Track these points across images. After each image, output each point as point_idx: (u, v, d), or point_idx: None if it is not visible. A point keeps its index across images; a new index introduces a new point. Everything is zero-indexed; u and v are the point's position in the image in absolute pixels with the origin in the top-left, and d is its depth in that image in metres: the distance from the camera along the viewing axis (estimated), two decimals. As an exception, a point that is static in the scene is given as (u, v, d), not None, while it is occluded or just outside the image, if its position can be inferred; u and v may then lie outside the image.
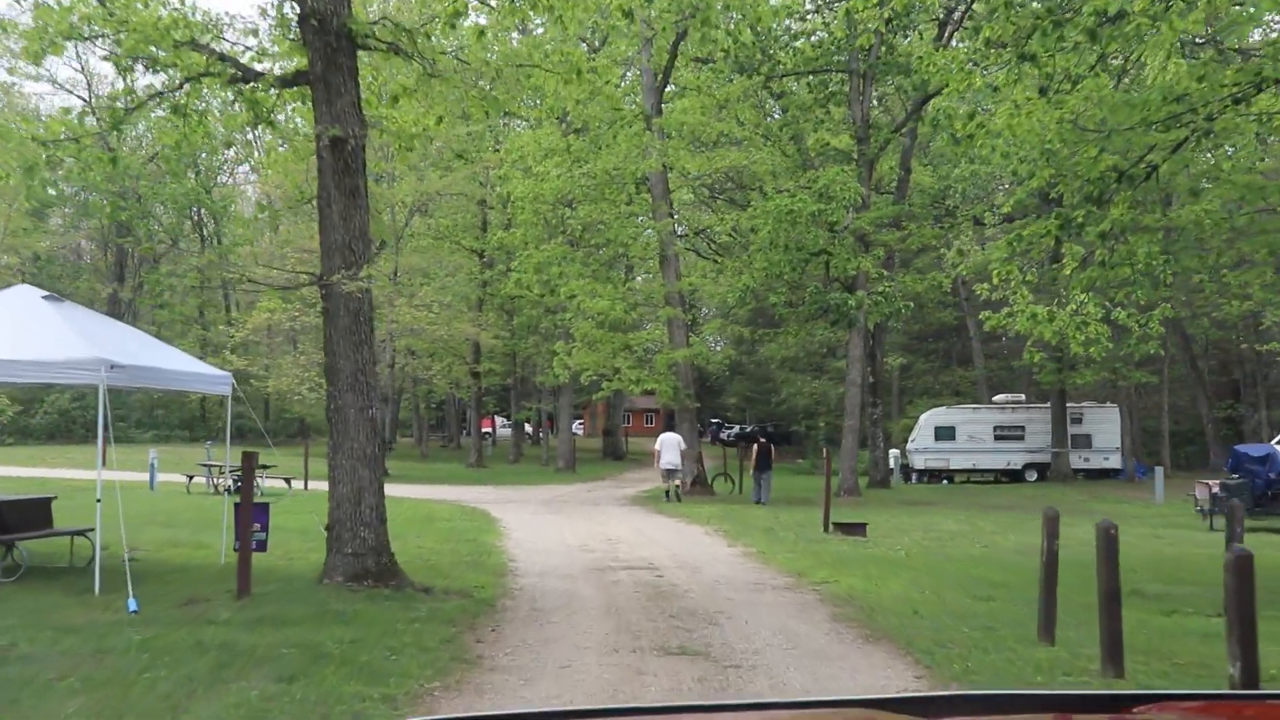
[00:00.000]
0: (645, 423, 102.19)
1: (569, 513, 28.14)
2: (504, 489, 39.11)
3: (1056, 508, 28.48)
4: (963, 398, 60.58)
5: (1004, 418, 48.41)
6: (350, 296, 12.25)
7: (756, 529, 23.06)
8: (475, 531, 21.89)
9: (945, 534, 22.98)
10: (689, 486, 33.78)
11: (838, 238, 30.91)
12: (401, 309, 42.75)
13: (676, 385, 33.78)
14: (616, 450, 65.59)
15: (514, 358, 58.56)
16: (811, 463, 58.31)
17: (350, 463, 12.49)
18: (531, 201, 33.92)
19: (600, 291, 33.66)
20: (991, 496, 37.66)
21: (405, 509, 27.14)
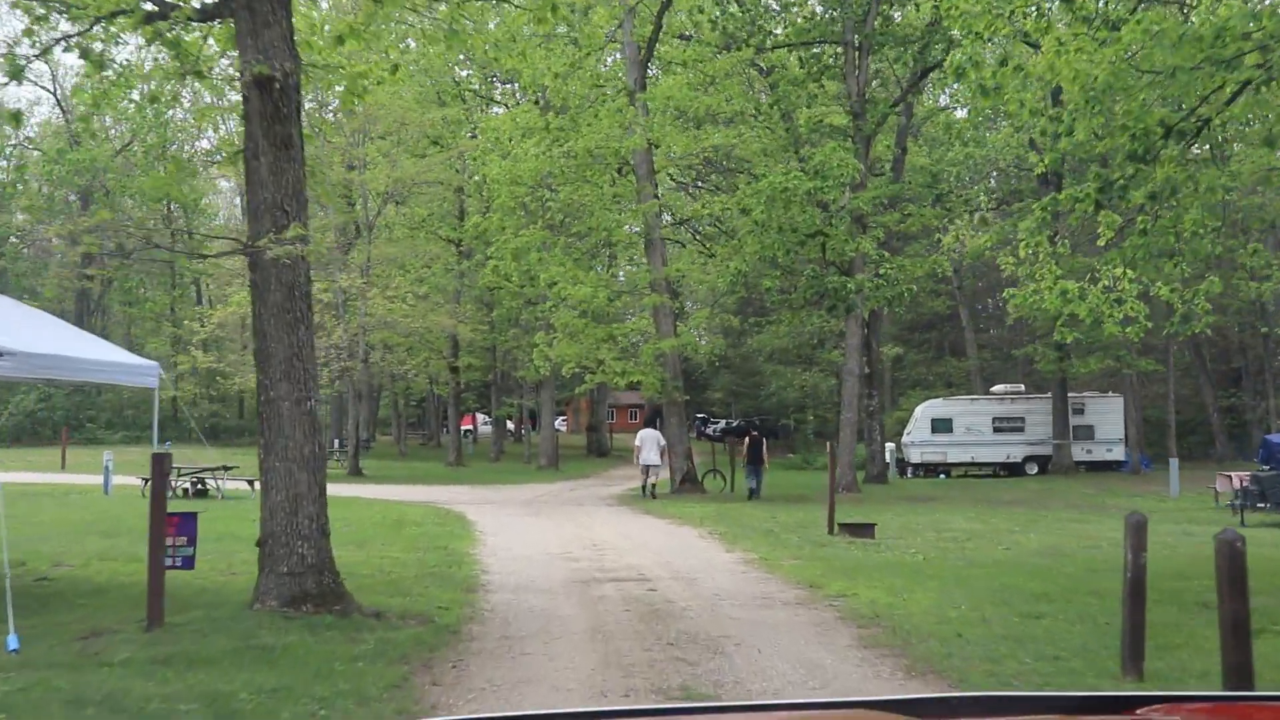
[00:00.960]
0: (630, 418, 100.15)
1: (551, 514, 26.19)
2: (483, 489, 37.14)
3: (1078, 503, 26.41)
4: (956, 389, 58.88)
5: (1003, 409, 46.64)
6: (282, 266, 10.27)
7: (755, 531, 21.14)
8: (447, 537, 19.93)
9: (960, 534, 21.09)
10: (679, 484, 31.86)
11: (834, 217, 28.99)
12: (374, 300, 40.72)
13: (664, 377, 31.84)
14: (601, 447, 63.66)
15: (494, 352, 56.58)
16: (803, 457, 56.49)
17: (285, 465, 10.51)
18: (508, 184, 31.92)
19: (582, 278, 31.68)
20: (996, 491, 35.82)
21: (375, 512, 25.21)
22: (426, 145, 46.80)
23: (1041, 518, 25.37)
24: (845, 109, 32.53)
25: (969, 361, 60.76)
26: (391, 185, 43.22)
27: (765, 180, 27.87)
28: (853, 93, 31.64)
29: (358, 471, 42.31)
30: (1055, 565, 16.06)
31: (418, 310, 42.66)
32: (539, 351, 33.01)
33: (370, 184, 42.76)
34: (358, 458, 42.97)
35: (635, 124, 30.34)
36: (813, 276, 28.66)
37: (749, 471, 31.43)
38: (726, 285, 29.64)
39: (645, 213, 31.48)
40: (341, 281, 40.43)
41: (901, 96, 33.97)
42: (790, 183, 27.22)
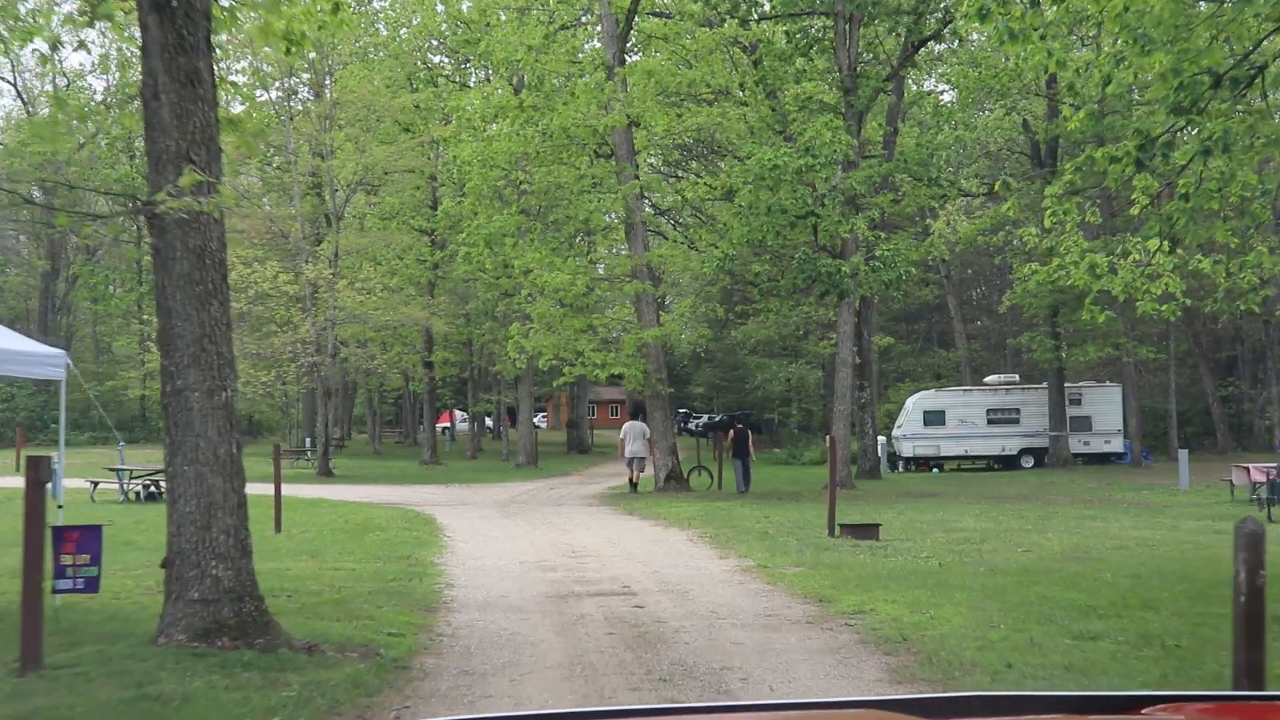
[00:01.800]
0: (611, 414, 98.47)
1: (528, 516, 24.41)
2: (458, 489, 35.35)
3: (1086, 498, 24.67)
4: (945, 381, 57.26)
5: (997, 400, 45.03)
6: (189, 229, 8.47)
7: (749, 534, 19.39)
8: (412, 544, 18.14)
9: (971, 534, 19.37)
10: (664, 481, 30.12)
11: (827, 197, 27.26)
12: (344, 293, 38.83)
13: (646, 369, 30.07)
14: (581, 443, 61.91)
15: (470, 346, 54.77)
16: (789, 451, 54.82)
17: (195, 469, 8.68)
18: (480, 166, 30.08)
19: (559, 265, 29.86)
20: (996, 485, 34.16)
21: (338, 516, 23.43)
22: (398, 133, 44.94)
23: (1052, 515, 23.69)
24: (836, 84, 30.80)
25: (958, 352, 59.15)
26: (360, 173, 41.35)
27: (753, 158, 26.09)
28: (843, 66, 29.89)
29: (328, 471, 40.45)
30: (1089, 571, 14.35)
31: (389, 303, 40.78)
32: (514, 343, 31.16)
33: (338, 171, 40.87)
34: (328, 457, 41.09)
35: (614, 100, 28.55)
36: (805, 260, 26.87)
37: (736, 466, 30.64)
38: (712, 271, 27.80)
39: (626, 195, 29.67)
40: (308, 273, 38.50)
41: (895, 70, 32.26)
42: (780, 160, 25.46)
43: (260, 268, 38.08)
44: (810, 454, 52.89)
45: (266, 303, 39.65)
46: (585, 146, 31.04)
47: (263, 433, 78.50)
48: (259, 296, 38.93)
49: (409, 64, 49.85)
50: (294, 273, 39.31)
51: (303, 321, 39.95)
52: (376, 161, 40.59)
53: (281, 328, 40.14)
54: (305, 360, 38.81)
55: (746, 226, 27.32)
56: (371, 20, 50.35)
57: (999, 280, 65.61)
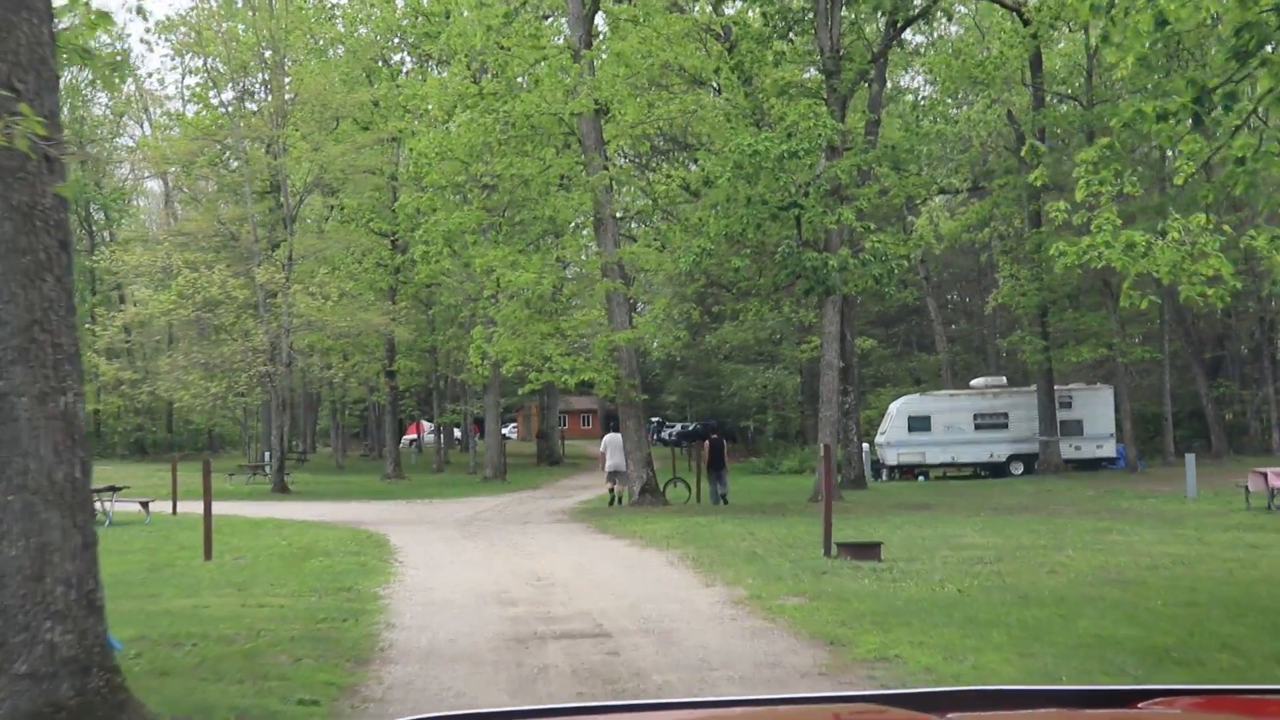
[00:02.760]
0: (583, 424, 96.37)
1: (490, 537, 22.30)
2: (419, 505, 33.22)
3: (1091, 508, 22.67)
4: (926, 385, 55.37)
5: (985, 404, 43.18)
6: (12, 178, 6.39)
7: (735, 555, 17.34)
8: (357, 573, 16.03)
9: (982, 552, 17.37)
10: (639, 495, 28.10)
11: (812, 185, 25.29)
12: (297, 297, 36.62)
13: (618, 375, 28.00)
14: (552, 455, 59.73)
15: (434, 354, 52.59)
16: (767, 460, 52.88)
17: (23, 500, 6.50)
18: (438, 159, 27.96)
19: (523, 263, 27.77)
20: (990, 495, 32.23)
21: (282, 539, 21.31)
22: (356, 132, 42.75)
23: (1063, 528, 21.72)
24: (817, 68, 28.87)
25: (939, 356, 57.33)
26: (316, 172, 39.16)
27: (732, 144, 24.06)
28: (825, 48, 27.92)
29: (283, 488, 38.24)
30: (1134, 599, 12.39)
31: (347, 309, 38.58)
32: (476, 347, 29.01)
33: (291, 170, 38.70)
34: (283, 472, 38.86)
35: (581, 85, 26.50)
36: (788, 254, 24.82)
37: (713, 477, 29.48)
38: (688, 266, 25.73)
39: (594, 187, 27.60)
40: (259, 276, 36.27)
41: (880, 51, 30.33)
42: (761, 146, 23.46)
43: (208, 272, 35.86)
44: (788, 462, 51.03)
45: (216, 310, 37.42)
46: (550, 138, 28.95)
47: (225, 447, 76.11)
48: (208, 303, 36.70)
49: (367, 60, 47.72)
50: (245, 277, 37.08)
51: (256, 329, 37.79)
52: (333, 160, 38.40)
53: (232, 335, 37.93)
54: (257, 370, 36.60)
55: (725, 219, 25.31)
56: (328, 14, 48.19)
57: (981, 281, 63.92)
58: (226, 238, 39.68)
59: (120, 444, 68.92)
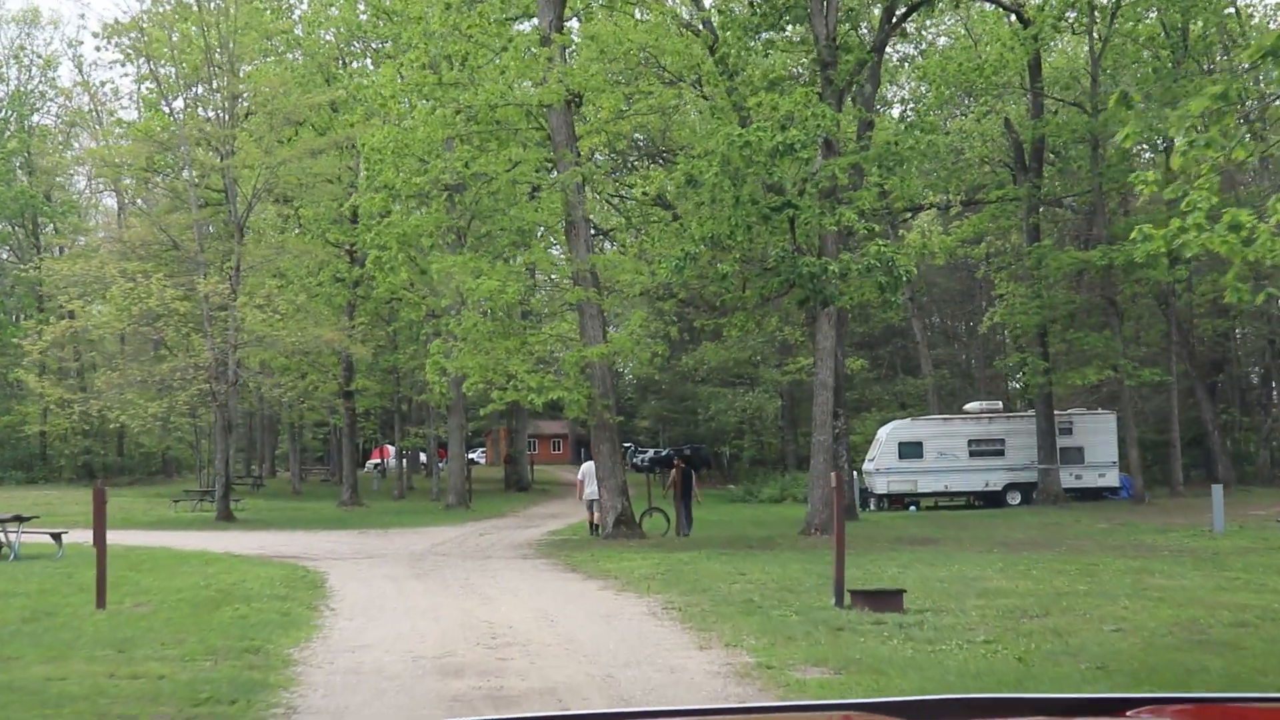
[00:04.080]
0: (553, 449, 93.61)
1: (444, 575, 19.52)
2: (373, 535, 30.43)
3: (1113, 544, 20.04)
4: (911, 410, 52.82)
5: (980, 430, 40.68)
6: None
7: (730, 604, 14.65)
8: (275, 625, 13.28)
9: (1020, 601, 14.74)
10: (614, 526, 25.42)
11: (809, 183, 22.70)
12: (245, 311, 33.77)
13: (591, 394, 25.28)
14: (521, 481, 56.83)
15: (395, 374, 49.74)
16: (745, 488, 50.21)
17: None
18: (393, 155, 25.23)
19: (486, 270, 25.08)
20: (994, 528, 29.65)
21: (203, 579, 18.48)
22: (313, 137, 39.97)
23: (1094, 568, 19.11)
24: (810, 58, 26.35)
25: (925, 380, 54.82)
26: (267, 176, 36.36)
27: (720, 133, 21.41)
28: (820, 35, 25.33)
29: (228, 515, 35.35)
30: (1240, 669, 9.80)
31: (298, 323, 35.75)
32: (433, 362, 26.19)
33: (238, 172, 35.91)
34: (228, 499, 35.93)
35: (550, 72, 23.86)
36: (783, 258, 22.12)
37: (680, 506, 28.10)
38: (669, 275, 23.00)
39: (565, 186, 24.94)
40: (201, 287, 33.41)
41: (880, 40, 27.81)
42: (753, 136, 20.85)
43: (145, 282, 32.99)
44: (768, 490, 48.47)
45: (156, 324, 34.51)
46: (517, 134, 26.31)
47: (182, 471, 72.83)
48: (147, 316, 33.80)
49: (325, 62, 45.07)
50: (186, 289, 34.21)
51: (200, 344, 34.95)
52: (285, 164, 35.63)
53: (173, 351, 35.06)
54: (199, 388, 33.73)
55: (710, 221, 22.68)
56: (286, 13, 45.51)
57: (968, 303, 61.58)
58: (168, 246, 36.83)
59: (68, 467, 65.72)
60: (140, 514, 38.43)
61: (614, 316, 37.97)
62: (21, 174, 65.74)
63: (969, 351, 65.16)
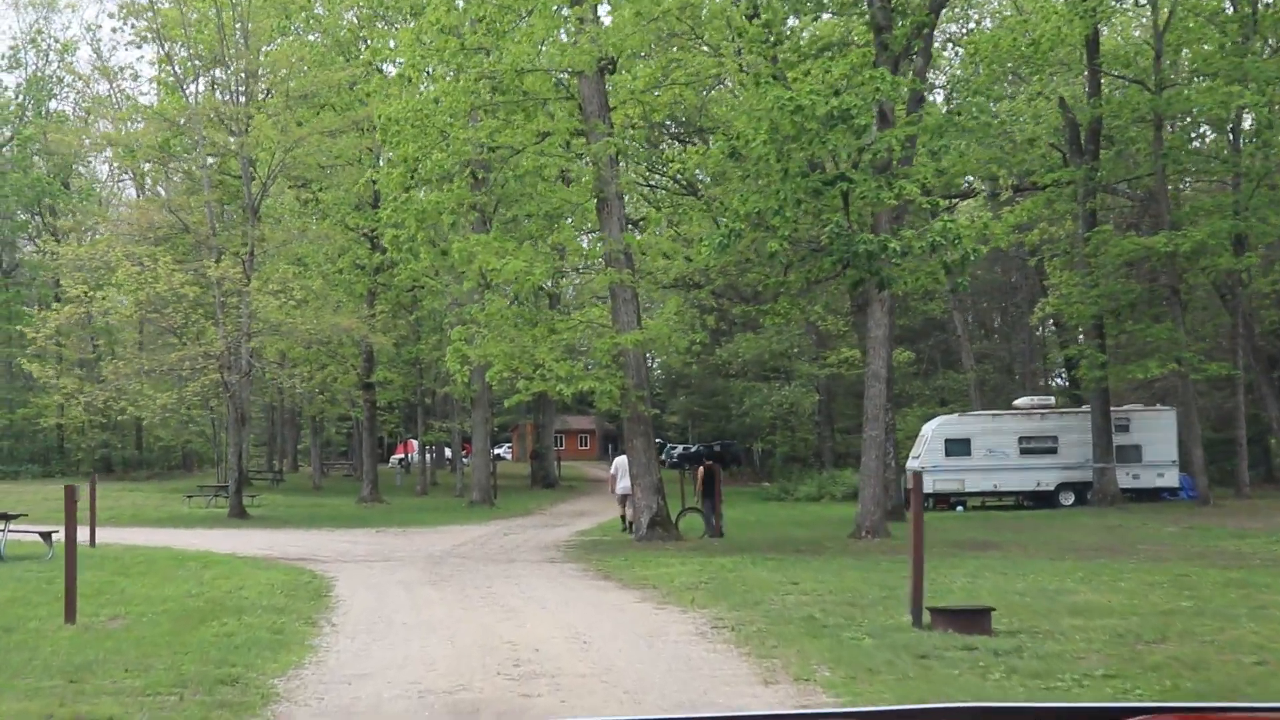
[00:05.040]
0: (580, 445, 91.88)
1: (463, 582, 17.63)
2: (390, 535, 28.63)
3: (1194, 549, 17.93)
4: (952, 406, 50.72)
5: (1031, 426, 38.56)
6: None
7: (789, 621, 12.73)
8: (264, 644, 11.45)
9: (1122, 621, 12.75)
10: (649, 528, 23.51)
11: (866, 152, 20.71)
12: (258, 297, 32.01)
13: (624, 384, 23.36)
14: (547, 477, 54.99)
15: (418, 366, 47.95)
16: (780, 486, 48.18)
17: None
18: (413, 127, 23.32)
19: (512, 250, 23.20)
20: (1054, 530, 27.60)
21: (196, 585, 16.70)
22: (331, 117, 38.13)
23: (1188, 579, 17.08)
24: (865, 21, 24.33)
25: (967, 374, 52.65)
26: (283, 155, 34.57)
27: (770, 95, 19.43)
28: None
29: (241, 512, 33.61)
30: None
31: (314, 310, 33.95)
32: (454, 350, 24.28)
33: (253, 150, 34.15)
34: (241, 495, 34.17)
35: (582, 35, 21.94)
36: (838, 235, 20.10)
37: (706, 507, 26.46)
38: (711, 253, 21.02)
39: (597, 159, 23.02)
40: (211, 271, 31.64)
41: (939, 1, 25.78)
42: (805, 100, 18.90)
43: (153, 265, 31.25)
44: (805, 489, 46.43)
45: (165, 310, 32.75)
46: (545, 105, 24.40)
47: (203, 466, 71.24)
48: (155, 301, 32.05)
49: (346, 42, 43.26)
50: (196, 274, 32.45)
51: (213, 333, 33.24)
52: (302, 143, 33.84)
53: (182, 339, 33.31)
54: (208, 378, 31.98)
55: (756, 196, 20.72)
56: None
57: (1013, 295, 59.40)
58: (178, 229, 35.09)
59: (85, 461, 64.22)
60: (151, 510, 36.79)
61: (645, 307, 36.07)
62: (40, 161, 64.32)
63: (1010, 345, 62.96)
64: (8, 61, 64.65)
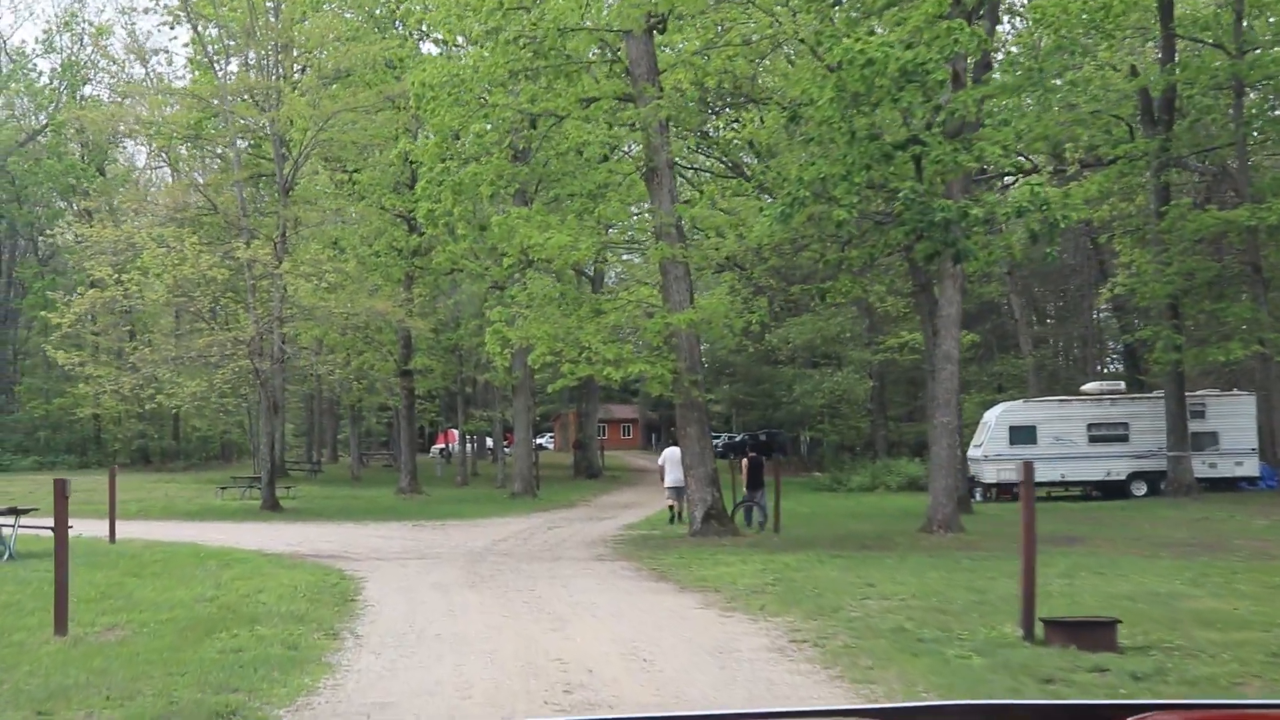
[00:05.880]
0: (622, 434, 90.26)
1: (504, 583, 16.02)
2: (427, 529, 27.12)
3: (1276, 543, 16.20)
4: (1011, 393, 48.68)
5: (1101, 413, 36.60)
6: None
7: (877, 633, 11.07)
8: (275, 663, 9.91)
9: (1266, 634, 11.03)
10: (703, 522, 21.86)
11: (943, 111, 18.93)
12: (290, 280, 30.54)
13: (677, 368, 21.70)
14: (591, 467, 53.41)
15: (458, 353, 46.48)
16: (832, 476, 46.38)
17: None
18: (450, 87, 21.70)
19: (555, 225, 21.59)
20: (1136, 524, 25.77)
21: (212, 588, 15.21)
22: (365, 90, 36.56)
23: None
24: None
25: (1025, 359, 50.66)
26: (314, 132, 33.08)
27: (839, 48, 17.67)
28: (948, -53, 21.52)
29: (274, 505, 32.21)
30: None
31: (348, 293, 32.48)
32: (494, 331, 22.67)
33: (285, 129, 32.71)
34: (273, 486, 32.77)
35: (630, -11, 20.29)
36: (912, 201, 18.28)
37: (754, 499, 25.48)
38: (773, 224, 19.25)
39: (645, 124, 21.34)
40: (240, 253, 30.21)
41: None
42: (877, 52, 17.16)
43: (180, 247, 29.84)
44: (857, 478, 44.67)
45: (192, 294, 31.33)
46: (589, 69, 22.74)
47: (241, 456, 70.14)
48: (181, 284, 30.64)
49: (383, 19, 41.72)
50: (225, 256, 31.02)
51: (244, 317, 31.88)
52: (333, 115, 32.35)
53: (210, 325, 31.92)
54: (237, 365, 30.56)
55: (821, 161, 18.99)
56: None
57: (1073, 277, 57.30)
58: (207, 210, 33.69)
59: (122, 452, 63.28)
60: (183, 503, 35.51)
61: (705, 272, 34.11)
62: (75, 147, 63.33)
63: (1067, 329, 60.91)
64: (42, 46, 63.65)
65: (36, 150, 62.66)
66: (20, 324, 66.85)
